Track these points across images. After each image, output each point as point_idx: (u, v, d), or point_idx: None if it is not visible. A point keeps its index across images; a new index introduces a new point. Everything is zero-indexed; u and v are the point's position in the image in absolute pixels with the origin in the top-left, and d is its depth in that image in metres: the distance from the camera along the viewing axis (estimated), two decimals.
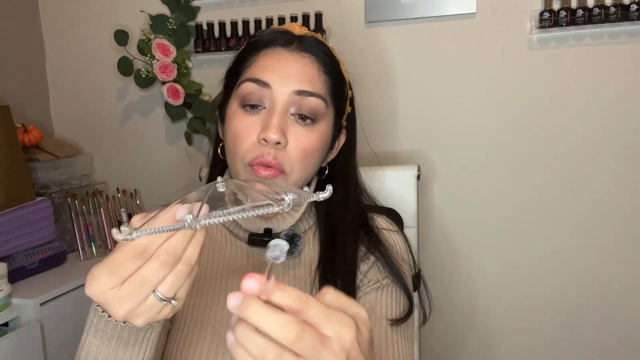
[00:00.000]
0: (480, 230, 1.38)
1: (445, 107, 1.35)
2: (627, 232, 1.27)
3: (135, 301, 0.40)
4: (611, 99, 1.24)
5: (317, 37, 0.73)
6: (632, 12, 1.15)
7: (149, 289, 0.40)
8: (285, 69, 0.67)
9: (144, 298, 0.40)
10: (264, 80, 0.66)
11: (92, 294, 0.40)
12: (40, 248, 1.30)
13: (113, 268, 0.39)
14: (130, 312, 0.40)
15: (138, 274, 0.39)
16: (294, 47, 0.69)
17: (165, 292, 0.40)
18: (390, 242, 0.75)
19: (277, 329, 0.33)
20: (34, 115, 1.64)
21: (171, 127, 1.60)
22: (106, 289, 0.39)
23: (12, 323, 1.12)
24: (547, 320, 1.36)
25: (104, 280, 0.39)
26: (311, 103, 0.67)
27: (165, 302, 0.41)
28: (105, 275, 0.39)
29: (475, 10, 1.28)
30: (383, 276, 0.71)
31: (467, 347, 1.44)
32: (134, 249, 0.39)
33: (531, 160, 1.31)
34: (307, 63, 0.69)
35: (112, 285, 0.39)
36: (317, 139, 0.69)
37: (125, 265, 0.39)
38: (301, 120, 0.68)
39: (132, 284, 0.39)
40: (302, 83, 0.67)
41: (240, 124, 0.67)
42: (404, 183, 1.05)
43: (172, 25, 1.46)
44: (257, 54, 0.70)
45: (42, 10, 1.67)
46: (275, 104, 0.66)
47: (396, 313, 0.69)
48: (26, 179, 1.29)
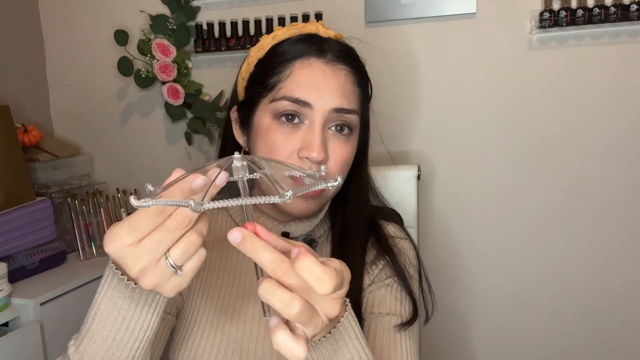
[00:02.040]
0: (481, 230, 1.38)
1: (445, 107, 1.35)
2: (628, 232, 1.27)
3: (151, 258, 0.42)
4: (611, 99, 1.24)
5: (343, 41, 0.73)
6: (632, 12, 1.15)
7: (163, 248, 0.42)
8: (324, 86, 0.66)
9: (158, 257, 0.42)
10: (304, 100, 0.65)
11: (111, 251, 0.42)
12: (40, 248, 1.30)
13: (134, 225, 0.42)
14: (144, 269, 0.42)
15: (155, 232, 0.42)
16: (329, 58, 0.68)
17: (176, 258, 0.43)
18: (400, 249, 0.76)
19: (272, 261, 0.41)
20: (34, 115, 1.64)
21: (171, 127, 1.60)
22: (125, 245, 0.42)
23: (12, 323, 1.12)
24: (548, 320, 1.36)
25: (124, 237, 0.42)
26: (348, 119, 0.68)
27: (174, 270, 0.43)
28: (125, 231, 0.42)
29: (475, 10, 1.28)
30: (389, 276, 0.73)
31: (467, 346, 1.44)
32: (155, 208, 0.41)
33: (531, 160, 1.31)
34: (343, 77, 0.68)
35: (131, 241, 0.42)
36: (352, 149, 0.71)
37: (145, 222, 0.42)
38: (339, 132, 0.68)
39: (149, 240, 0.42)
40: (341, 100, 0.66)
41: (278, 138, 0.66)
42: (404, 183, 1.05)
43: (172, 25, 1.46)
44: (291, 66, 0.67)
45: (42, 10, 1.67)
46: (315, 122, 0.66)
47: (402, 311, 0.70)
48: (26, 179, 1.29)
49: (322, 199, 0.70)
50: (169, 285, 0.44)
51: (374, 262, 0.74)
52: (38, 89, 1.68)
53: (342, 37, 0.74)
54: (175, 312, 0.72)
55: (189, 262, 0.44)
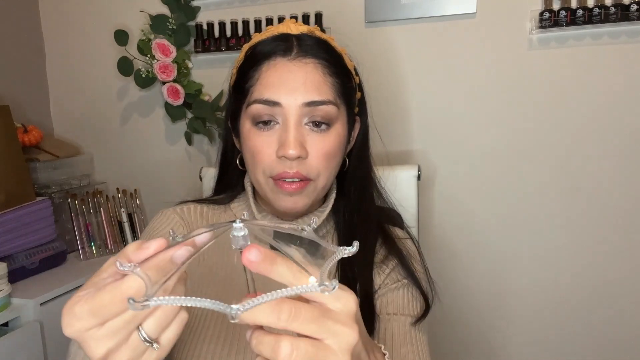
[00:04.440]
0: (481, 229, 1.38)
1: (445, 107, 1.35)
2: (627, 231, 1.27)
3: (117, 340, 0.36)
4: (611, 99, 1.24)
5: (315, 34, 0.72)
6: (632, 12, 1.15)
7: (133, 326, 0.36)
8: (290, 83, 0.66)
9: (127, 336, 0.36)
10: (272, 100, 0.66)
11: (70, 335, 0.36)
12: (40, 248, 1.30)
13: (97, 309, 0.35)
14: (110, 351, 0.36)
15: (125, 313, 0.35)
16: (294, 54, 0.68)
17: (150, 331, 0.36)
18: (407, 249, 0.77)
19: (269, 312, 0.34)
20: (34, 115, 1.65)
21: (171, 127, 1.60)
22: (86, 329, 0.35)
23: (12, 323, 1.12)
24: (548, 319, 1.36)
25: (84, 320, 0.35)
26: (322, 111, 0.67)
27: (149, 345, 0.37)
28: (86, 314, 0.35)
29: (475, 10, 1.28)
30: (402, 277, 0.74)
31: (467, 345, 1.44)
32: (124, 293, 0.34)
33: (531, 160, 1.31)
34: (311, 70, 0.67)
35: (92, 326, 0.35)
36: (335, 140, 0.69)
37: (111, 309, 0.35)
38: (316, 127, 0.68)
39: (118, 321, 0.35)
40: (310, 93, 0.66)
41: (256, 142, 0.67)
42: (404, 183, 1.05)
43: (172, 25, 1.46)
44: (259, 69, 0.68)
45: (42, 10, 1.67)
46: (287, 119, 0.66)
47: (415, 309, 0.71)
48: (26, 179, 1.29)
49: (309, 192, 0.69)
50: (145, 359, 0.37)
51: (383, 262, 0.74)
52: (38, 89, 1.68)
53: (316, 30, 0.73)
54: None
55: (166, 332, 0.37)
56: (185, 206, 0.80)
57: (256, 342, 0.36)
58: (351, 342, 0.36)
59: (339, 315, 0.36)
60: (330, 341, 0.35)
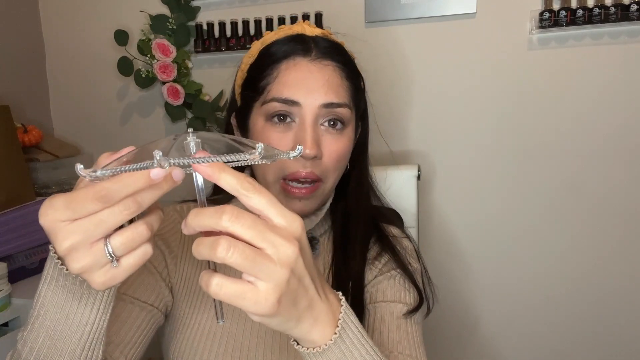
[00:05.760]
0: (481, 230, 1.38)
1: (445, 107, 1.35)
2: (628, 231, 1.27)
3: (84, 238, 0.37)
4: (611, 99, 1.24)
5: (330, 38, 0.73)
6: (632, 12, 1.15)
7: (102, 231, 0.38)
8: (310, 83, 0.67)
9: (94, 239, 0.38)
10: (291, 99, 0.66)
11: (43, 223, 0.38)
12: (40, 248, 1.30)
13: (71, 203, 0.37)
14: (73, 246, 0.38)
15: (96, 214, 0.37)
16: (314, 55, 0.69)
17: (116, 247, 0.38)
18: (402, 246, 0.77)
19: (212, 213, 0.37)
20: (34, 115, 1.64)
21: (171, 127, 1.60)
22: (58, 220, 0.37)
23: (12, 323, 1.12)
24: (548, 319, 1.36)
25: (59, 212, 0.37)
26: (339, 113, 0.68)
27: (110, 259, 0.38)
28: (61, 206, 0.37)
29: (475, 10, 1.28)
30: (393, 268, 0.74)
31: (466, 345, 1.44)
32: (96, 191, 0.37)
33: (531, 160, 1.31)
34: (330, 72, 0.68)
35: (65, 218, 0.37)
36: (347, 143, 0.71)
37: (84, 204, 0.37)
38: (332, 127, 0.69)
39: (88, 221, 0.37)
40: (329, 95, 0.67)
41: (272, 139, 0.68)
42: (404, 183, 1.05)
43: (172, 25, 1.46)
44: (278, 67, 0.69)
45: (42, 10, 1.67)
46: (305, 119, 0.66)
47: (408, 299, 0.71)
48: (26, 179, 1.29)
49: (317, 196, 0.70)
50: (100, 276, 0.39)
51: (376, 257, 0.75)
52: (38, 89, 1.68)
53: (330, 34, 0.74)
54: (163, 308, 0.71)
55: (129, 256, 0.39)
56: (185, 205, 0.80)
57: (195, 244, 0.37)
58: (291, 256, 0.37)
59: (281, 230, 0.38)
60: (270, 251, 0.37)
